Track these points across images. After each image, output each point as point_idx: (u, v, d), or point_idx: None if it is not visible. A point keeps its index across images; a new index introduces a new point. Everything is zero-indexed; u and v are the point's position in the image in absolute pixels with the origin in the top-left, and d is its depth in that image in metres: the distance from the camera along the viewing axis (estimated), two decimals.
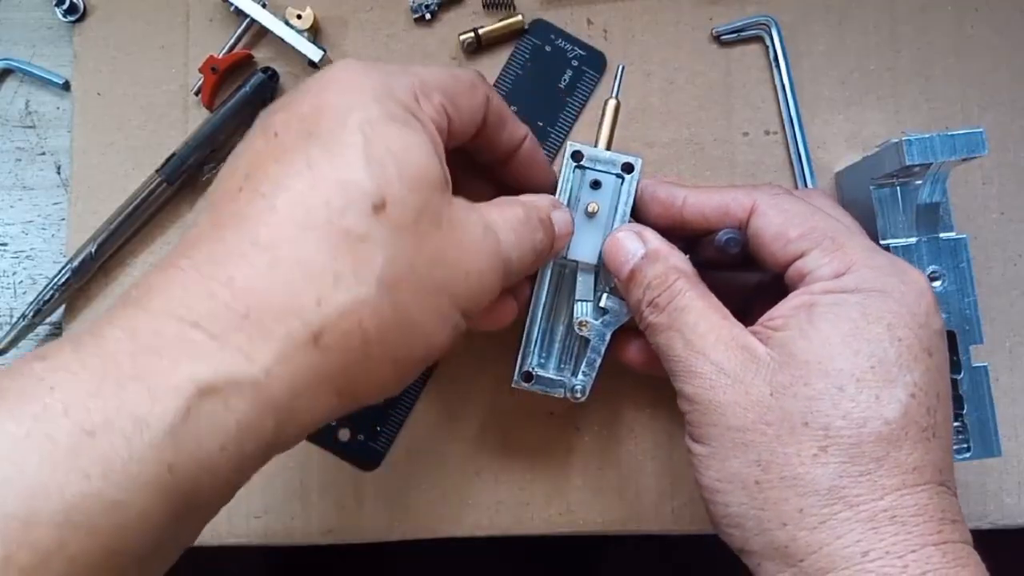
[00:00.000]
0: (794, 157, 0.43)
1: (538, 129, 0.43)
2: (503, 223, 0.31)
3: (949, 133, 0.35)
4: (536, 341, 0.37)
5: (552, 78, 0.44)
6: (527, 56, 0.44)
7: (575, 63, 0.44)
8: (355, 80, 0.28)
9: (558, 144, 0.43)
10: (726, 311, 0.32)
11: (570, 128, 0.44)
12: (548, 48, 0.44)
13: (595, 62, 0.44)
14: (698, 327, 0.32)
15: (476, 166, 0.36)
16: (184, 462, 0.23)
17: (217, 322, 0.24)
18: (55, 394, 0.22)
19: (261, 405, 0.24)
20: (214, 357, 0.24)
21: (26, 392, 0.22)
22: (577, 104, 0.44)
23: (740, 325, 0.32)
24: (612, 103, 0.37)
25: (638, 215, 0.37)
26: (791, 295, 0.32)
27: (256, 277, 0.25)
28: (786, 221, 0.33)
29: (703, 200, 0.35)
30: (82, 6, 0.44)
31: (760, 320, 0.32)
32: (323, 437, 0.42)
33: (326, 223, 0.26)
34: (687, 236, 0.37)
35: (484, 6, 0.44)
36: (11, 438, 0.21)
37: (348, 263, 0.25)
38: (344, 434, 0.42)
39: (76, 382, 0.22)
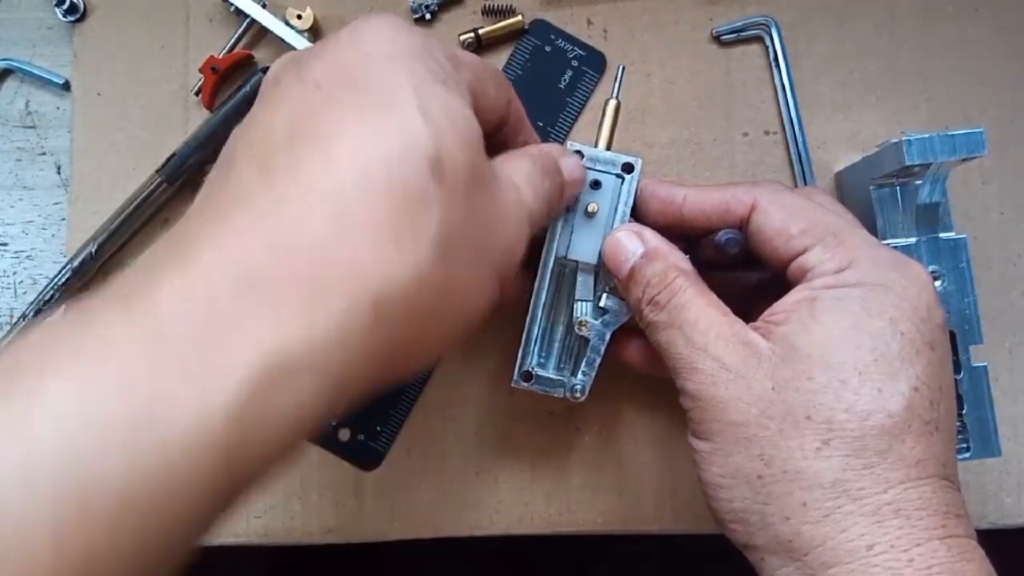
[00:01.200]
0: (794, 157, 0.43)
1: (538, 129, 0.43)
2: (523, 180, 0.30)
3: (949, 133, 0.35)
4: (536, 341, 0.37)
5: (552, 78, 0.44)
6: (527, 56, 0.44)
7: (575, 63, 0.44)
8: (394, 35, 0.27)
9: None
10: (726, 308, 0.32)
11: (570, 128, 0.44)
12: (548, 48, 0.44)
13: (595, 62, 0.44)
14: (698, 324, 0.32)
15: None
16: (243, 446, 0.21)
17: (277, 281, 0.22)
18: (109, 364, 0.20)
19: (321, 379, 0.22)
20: (276, 327, 0.22)
21: (78, 356, 0.20)
22: (577, 104, 0.44)
23: (741, 321, 0.32)
24: (612, 103, 0.37)
25: (638, 215, 0.37)
26: (793, 291, 0.32)
27: (319, 233, 0.23)
28: (787, 217, 0.33)
29: (704, 198, 0.35)
30: (82, 6, 0.44)
31: (762, 316, 0.32)
32: (323, 437, 0.42)
33: (389, 180, 0.24)
34: (687, 235, 0.37)
35: (483, 12, 0.44)
36: (64, 411, 0.19)
37: (408, 225, 0.24)
38: (344, 434, 0.42)
39: (131, 352, 0.20)
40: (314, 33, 0.43)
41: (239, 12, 0.43)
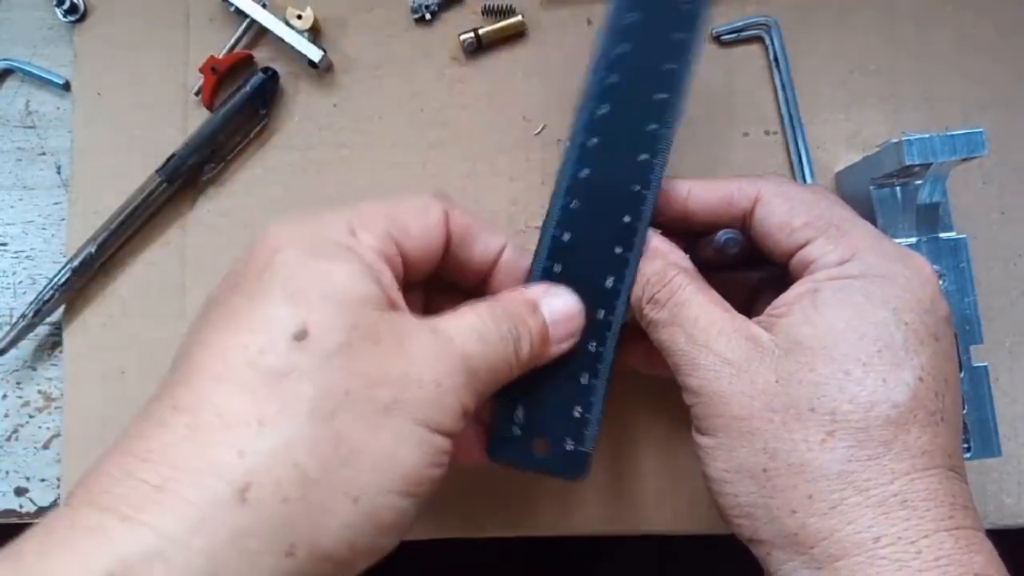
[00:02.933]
0: (794, 157, 0.43)
1: (667, 72, 0.34)
2: (460, 325, 0.29)
3: (949, 133, 0.35)
4: None
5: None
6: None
7: None
8: (282, 231, 0.28)
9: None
10: (727, 304, 0.32)
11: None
12: None
13: None
14: (699, 320, 0.31)
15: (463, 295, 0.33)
16: None
17: (131, 501, 0.23)
18: None
19: (180, 564, 0.22)
20: (123, 539, 0.22)
21: None
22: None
23: (742, 316, 0.32)
24: None
25: None
26: (796, 284, 0.32)
27: (173, 443, 0.24)
28: (791, 209, 0.33)
29: (707, 192, 0.35)
30: (82, 6, 0.44)
31: (765, 310, 0.32)
32: (515, 458, 0.34)
33: (246, 367, 0.25)
34: (691, 231, 0.37)
35: (483, 12, 0.44)
36: None
37: (273, 404, 0.24)
38: (540, 446, 0.34)
39: None
40: (314, 33, 0.43)
41: (239, 12, 0.43)
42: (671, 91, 0.34)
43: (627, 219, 0.34)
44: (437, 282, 0.34)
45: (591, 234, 0.34)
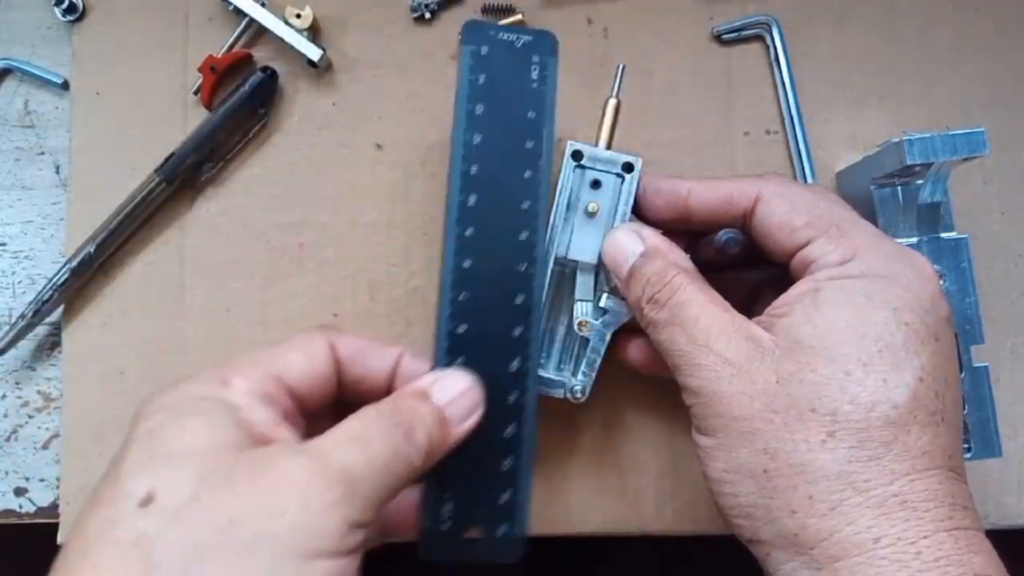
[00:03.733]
0: (795, 157, 0.43)
1: (525, 153, 0.35)
2: (337, 436, 0.28)
3: (950, 133, 0.35)
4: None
5: (517, 80, 0.35)
6: (474, 74, 0.35)
7: (535, 58, 0.36)
8: (153, 402, 0.29)
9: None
10: (727, 304, 0.32)
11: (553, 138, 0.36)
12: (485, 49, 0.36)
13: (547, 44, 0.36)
14: (700, 321, 0.31)
15: None
16: None
17: None
18: None
19: None
20: None
21: None
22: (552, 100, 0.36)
23: (743, 316, 0.32)
24: (612, 103, 0.37)
25: (641, 212, 0.37)
26: (796, 284, 0.32)
27: None
28: (792, 209, 0.33)
29: (708, 192, 0.35)
30: (81, 6, 0.44)
31: (766, 310, 0.32)
32: (449, 550, 0.34)
33: (103, 542, 0.25)
34: (690, 231, 0.37)
35: (483, 11, 0.44)
36: None
37: (120, 567, 0.24)
38: (476, 532, 0.34)
39: None
40: (314, 32, 0.43)
41: (238, 11, 0.43)
42: (535, 168, 0.35)
43: (520, 299, 0.34)
44: (352, 405, 0.33)
45: (487, 322, 0.34)
